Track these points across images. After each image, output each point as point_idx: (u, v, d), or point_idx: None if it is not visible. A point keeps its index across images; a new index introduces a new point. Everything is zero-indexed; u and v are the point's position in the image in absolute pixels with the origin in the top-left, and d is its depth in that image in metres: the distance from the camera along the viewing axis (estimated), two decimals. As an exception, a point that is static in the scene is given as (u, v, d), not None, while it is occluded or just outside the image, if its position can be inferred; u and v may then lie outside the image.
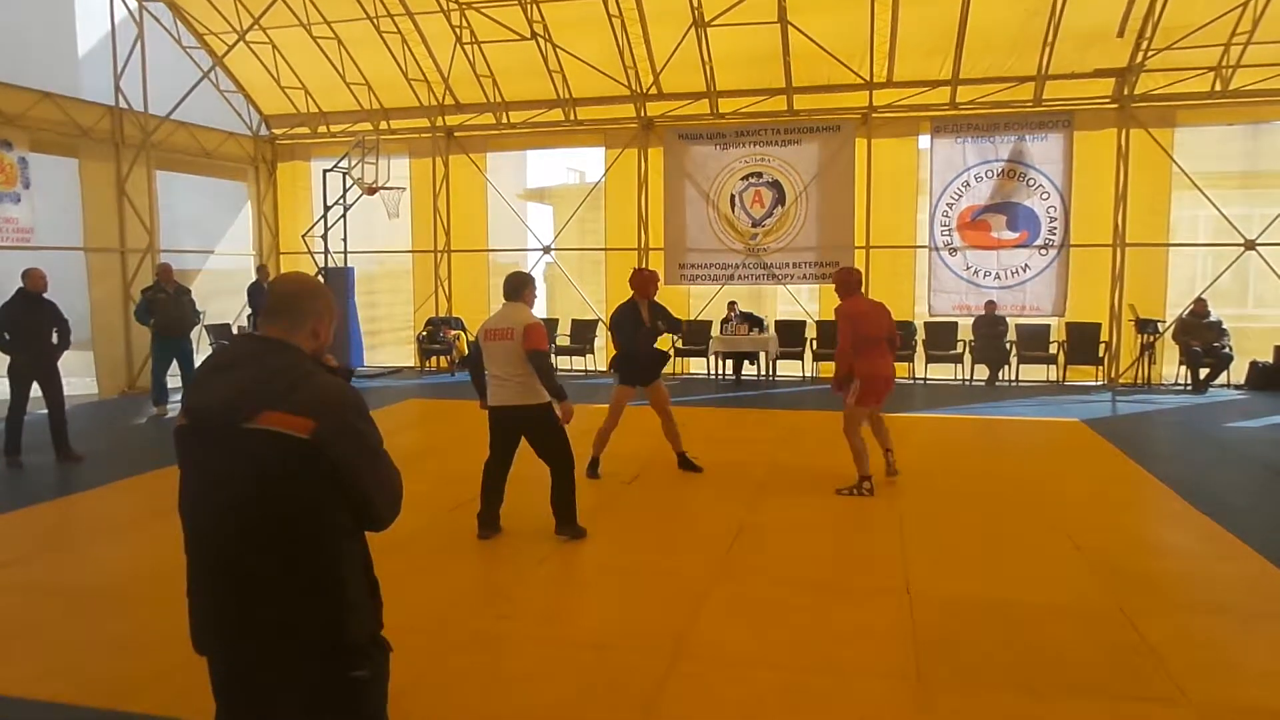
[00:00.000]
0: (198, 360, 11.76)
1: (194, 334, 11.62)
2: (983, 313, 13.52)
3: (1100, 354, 13.33)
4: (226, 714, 2.13)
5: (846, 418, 7.00)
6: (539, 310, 17.31)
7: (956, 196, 13.70)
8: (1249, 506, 6.66)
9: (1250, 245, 12.91)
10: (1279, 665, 4.02)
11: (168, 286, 10.93)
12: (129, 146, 13.37)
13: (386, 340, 16.91)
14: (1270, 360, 12.82)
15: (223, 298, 15.65)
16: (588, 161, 19.93)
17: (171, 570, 5.08)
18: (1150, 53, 12.25)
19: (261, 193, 16.55)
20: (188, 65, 14.69)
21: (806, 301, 15.12)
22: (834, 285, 7.22)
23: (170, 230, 14.53)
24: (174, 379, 11.17)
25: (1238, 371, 12.86)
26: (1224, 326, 12.67)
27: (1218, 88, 12.67)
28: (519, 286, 5.81)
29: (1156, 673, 3.90)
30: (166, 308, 10.79)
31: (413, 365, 15.93)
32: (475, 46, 14.15)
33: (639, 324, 7.43)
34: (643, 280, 7.61)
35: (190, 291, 11.29)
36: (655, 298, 7.71)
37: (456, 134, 15.68)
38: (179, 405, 8.30)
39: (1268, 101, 12.71)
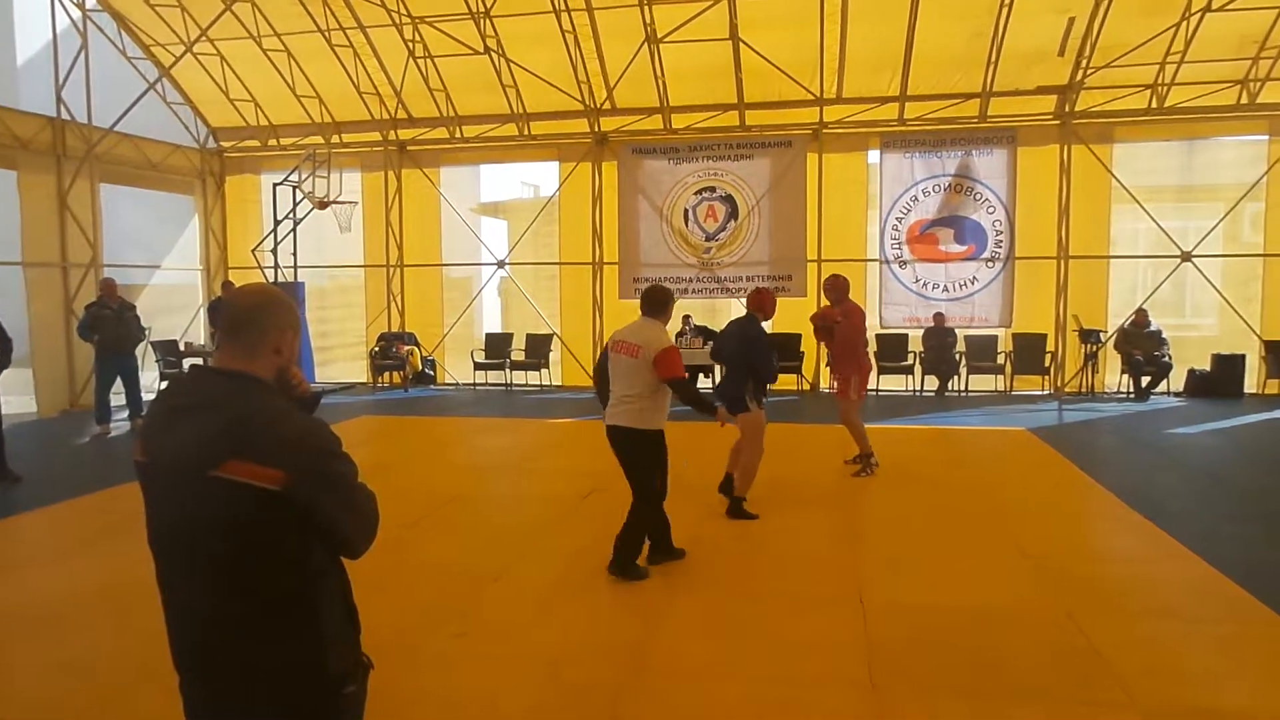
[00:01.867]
0: (144, 379, 11.50)
1: (139, 351, 11.35)
2: (932, 324, 13.76)
3: (1046, 364, 13.64)
4: None
5: (850, 409, 8.03)
6: (493, 323, 17.29)
7: (906, 210, 13.94)
8: (1190, 511, 6.85)
9: (1186, 257, 13.34)
10: (1221, 666, 4.14)
11: (111, 302, 10.66)
12: (71, 158, 13.06)
13: (338, 356, 16.69)
14: (1208, 368, 13.22)
15: (169, 313, 15.33)
16: (542, 176, 19.94)
17: (115, 593, 4.99)
18: (1089, 71, 12.64)
19: (209, 206, 16.26)
20: (133, 76, 14.42)
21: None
22: (829, 290, 7.96)
23: (114, 244, 14.18)
24: (118, 396, 10.89)
25: (1177, 379, 13.25)
26: (1164, 336, 13.05)
27: (1153, 105, 13.10)
28: (663, 303, 5.34)
29: (1103, 676, 3.99)
30: (110, 324, 10.51)
31: (365, 381, 15.73)
32: (428, 60, 14.10)
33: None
34: (772, 300, 7.09)
35: (135, 307, 11.01)
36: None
37: (409, 148, 15.57)
38: (125, 425, 8.10)
39: (1201, 118, 13.18)
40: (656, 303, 5.31)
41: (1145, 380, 12.94)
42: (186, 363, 13.81)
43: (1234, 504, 7.27)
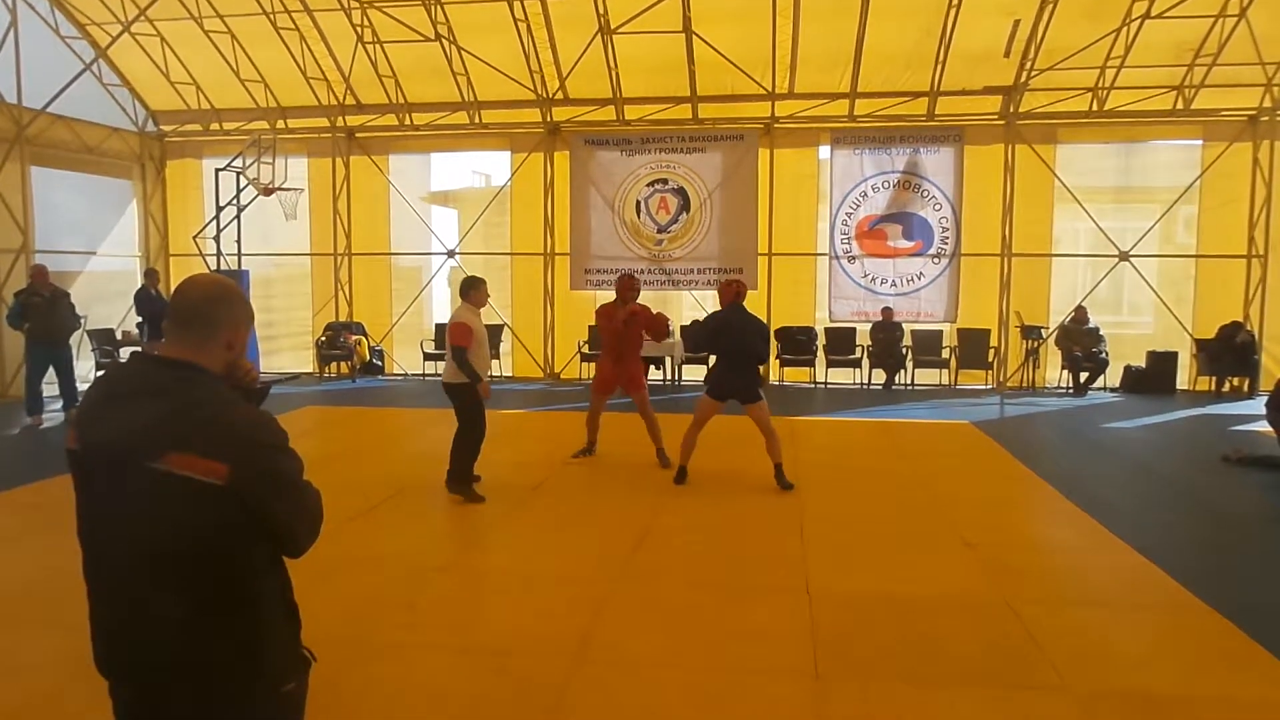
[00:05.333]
0: (79, 369, 11.15)
1: (74, 340, 11.00)
2: (880, 319, 13.96)
3: (989, 359, 13.93)
4: None
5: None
6: (442, 314, 17.10)
7: (855, 206, 14.11)
8: (1123, 503, 7.05)
9: (1124, 256, 13.73)
10: (1149, 651, 4.28)
11: (43, 290, 10.31)
12: (0, 141, 12.60)
13: (284, 345, 16.36)
14: (1142, 364, 13.62)
15: (106, 302, 14.88)
16: (493, 165, 19.76)
17: (47, 589, 4.85)
18: (1033, 73, 12.90)
19: (148, 191, 15.82)
20: (68, 56, 13.93)
21: (711, 307, 15.28)
22: (630, 289, 8.37)
23: (47, 230, 13.71)
24: (50, 387, 10.55)
25: (1114, 375, 13.63)
26: (1101, 333, 13.41)
27: (1094, 108, 13.43)
28: (467, 289, 6.99)
29: (1039, 662, 4.09)
30: (41, 312, 10.17)
31: (311, 371, 15.47)
32: (377, 46, 13.86)
33: None
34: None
35: (69, 295, 10.67)
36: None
37: (358, 135, 15.32)
38: (58, 416, 7.88)
39: (1139, 122, 13.58)
40: (461, 290, 7.01)
41: (1084, 376, 13.29)
42: (124, 352, 13.44)
43: (1165, 496, 7.51)
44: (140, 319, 13.24)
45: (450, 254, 15.61)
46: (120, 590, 1.89)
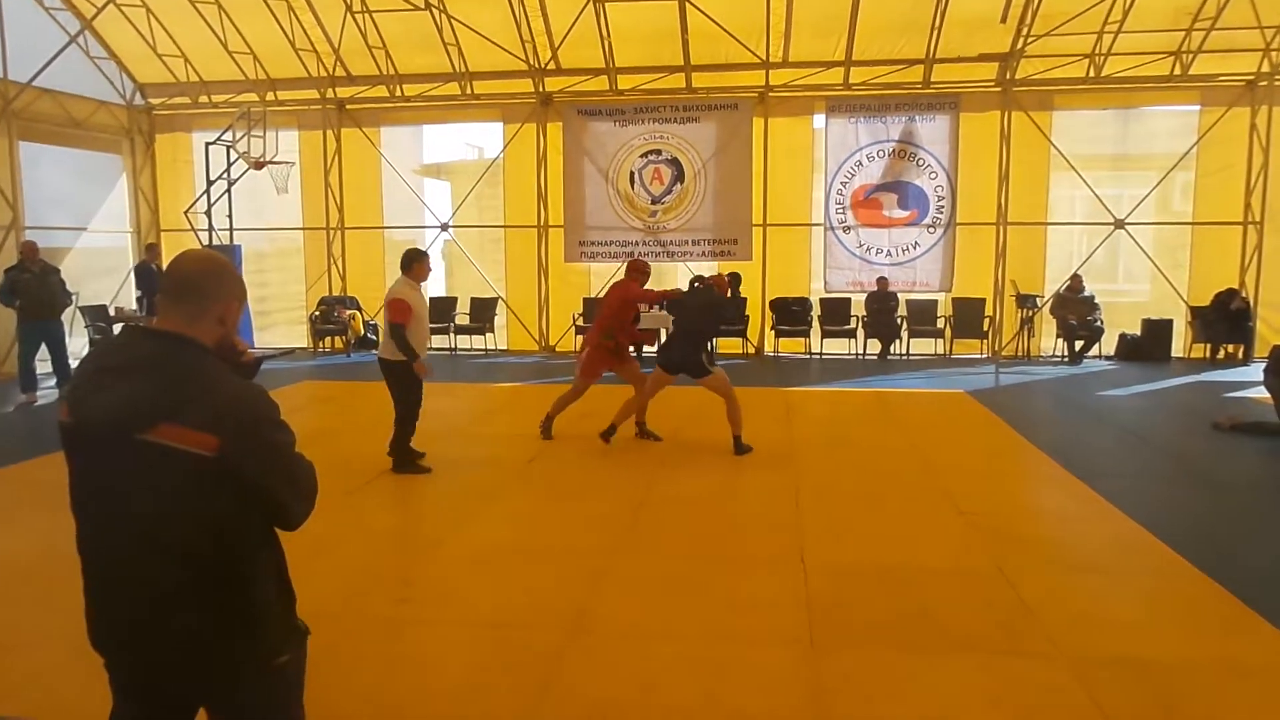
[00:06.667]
0: (73, 345, 11.10)
1: (67, 316, 10.94)
2: (875, 289, 13.92)
3: (984, 328, 13.92)
4: (127, 715, 2.02)
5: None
6: (437, 287, 17.05)
7: (850, 175, 14.03)
8: (1117, 470, 7.08)
9: (1120, 224, 13.69)
10: (1141, 617, 4.30)
11: (33, 266, 10.23)
12: (-14, 115, 12.46)
13: (277, 320, 16.30)
14: (1138, 333, 13.63)
15: (97, 278, 14.79)
16: (486, 137, 19.54)
17: (40, 567, 4.86)
18: (1030, 39, 12.77)
19: (138, 166, 15.66)
20: (52, 28, 13.73)
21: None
22: (644, 272, 8.03)
23: (36, 205, 13.59)
24: (44, 364, 10.51)
25: (1109, 343, 13.63)
26: (1096, 301, 13.40)
27: (1091, 74, 13.32)
28: (407, 263, 6.84)
29: (1032, 628, 4.12)
30: (32, 288, 10.11)
31: (305, 346, 15.42)
32: (366, 16, 13.67)
33: None
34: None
35: (59, 271, 10.59)
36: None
37: (348, 106, 15.16)
38: (52, 393, 7.83)
39: (1136, 88, 13.46)
40: (403, 263, 6.87)
41: (1079, 344, 13.30)
42: (117, 329, 13.38)
43: (1159, 463, 7.54)
44: (140, 294, 13.17)
45: (444, 227, 15.51)
46: (114, 563, 1.90)
